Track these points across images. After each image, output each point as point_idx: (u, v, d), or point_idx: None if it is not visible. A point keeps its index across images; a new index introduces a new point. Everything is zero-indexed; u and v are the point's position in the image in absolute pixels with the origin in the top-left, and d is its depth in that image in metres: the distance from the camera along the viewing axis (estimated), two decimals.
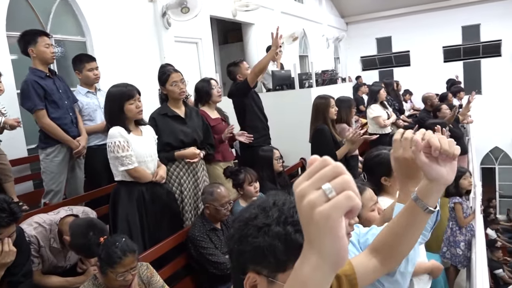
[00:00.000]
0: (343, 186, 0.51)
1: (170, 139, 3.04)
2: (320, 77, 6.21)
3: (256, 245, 0.81)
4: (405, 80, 11.17)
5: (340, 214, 0.50)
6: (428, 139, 0.94)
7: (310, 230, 0.53)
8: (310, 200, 0.51)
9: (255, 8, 7.13)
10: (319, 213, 0.50)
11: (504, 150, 11.99)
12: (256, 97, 4.01)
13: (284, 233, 0.79)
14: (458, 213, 3.98)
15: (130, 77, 3.67)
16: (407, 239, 1.05)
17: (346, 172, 0.52)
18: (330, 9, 12.42)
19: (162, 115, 3.06)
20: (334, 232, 0.51)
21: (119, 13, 4.83)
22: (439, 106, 5.75)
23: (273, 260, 0.79)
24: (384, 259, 1.08)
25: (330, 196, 0.51)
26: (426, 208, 0.99)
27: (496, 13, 11.52)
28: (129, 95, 2.64)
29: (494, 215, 10.44)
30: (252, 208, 0.87)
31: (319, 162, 0.54)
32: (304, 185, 0.53)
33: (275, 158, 3.43)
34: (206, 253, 2.70)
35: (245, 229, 0.84)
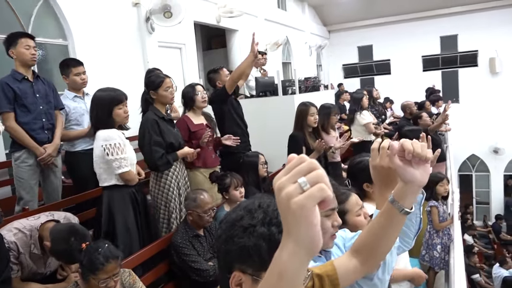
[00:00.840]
0: (316, 179, 0.57)
1: (173, 140, 3.09)
2: (303, 84, 6.27)
3: (241, 244, 0.85)
4: (386, 88, 11.40)
5: (314, 204, 0.56)
6: (401, 143, 0.99)
7: (287, 220, 0.58)
8: (288, 192, 0.57)
9: (239, 15, 7.18)
10: (294, 203, 0.56)
11: (480, 157, 12.31)
12: (236, 103, 4.02)
13: (268, 234, 0.84)
14: (433, 217, 4.07)
15: (113, 81, 3.65)
16: (386, 240, 1.09)
17: (320, 168, 0.58)
18: (313, 17, 12.58)
19: (160, 118, 3.08)
20: (308, 220, 0.56)
21: (102, 17, 4.79)
22: (419, 114, 5.87)
23: (257, 259, 0.83)
24: (364, 259, 1.12)
25: (305, 188, 0.56)
26: (402, 209, 1.03)
27: (473, 25, 11.88)
28: (118, 99, 2.64)
29: (471, 221, 10.68)
30: (238, 210, 0.91)
31: (297, 159, 0.59)
32: (282, 179, 0.58)
33: (260, 163, 3.45)
34: (188, 260, 2.69)
35: (232, 229, 0.88)
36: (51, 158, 3.18)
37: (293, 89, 5.81)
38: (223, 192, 3.12)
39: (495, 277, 7.49)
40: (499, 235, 10.36)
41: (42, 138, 3.15)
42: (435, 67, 12.83)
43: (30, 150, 3.10)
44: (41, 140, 3.14)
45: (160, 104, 3.11)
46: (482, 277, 7.68)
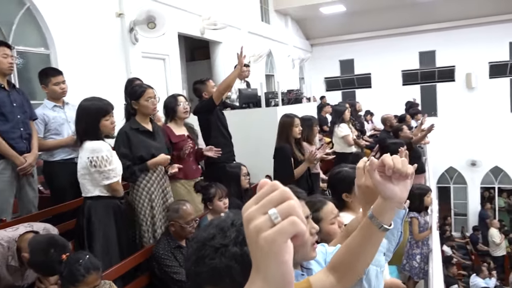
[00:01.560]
0: (288, 212, 0.51)
1: (143, 152, 3.03)
2: (285, 96, 6.34)
3: (213, 266, 0.81)
4: (367, 101, 11.60)
5: (285, 240, 0.51)
6: (382, 158, 0.98)
7: (256, 255, 0.53)
8: (256, 225, 0.52)
9: (223, 27, 7.24)
10: (264, 238, 0.51)
11: (458, 170, 12.60)
12: (221, 114, 4.07)
13: (241, 254, 0.79)
14: (414, 227, 4.14)
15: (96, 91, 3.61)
16: (363, 257, 1.07)
17: (294, 197, 0.53)
18: (295, 31, 12.78)
19: (133, 130, 3.05)
20: (278, 257, 0.51)
21: (86, 27, 4.78)
22: (400, 126, 5.99)
23: (229, 282, 0.79)
24: (341, 276, 1.09)
25: (275, 221, 0.51)
26: (381, 226, 1.02)
27: (450, 41, 12.26)
28: (105, 110, 2.64)
29: (449, 232, 10.88)
30: (210, 229, 0.86)
31: (268, 186, 0.54)
32: (251, 210, 0.53)
33: (242, 175, 3.47)
34: (170, 272, 2.67)
35: (203, 250, 0.83)
36: (31, 168, 3.12)
37: (276, 101, 5.87)
38: (207, 202, 3.12)
39: (472, 286, 7.63)
40: (477, 246, 10.57)
41: (21, 148, 3.08)
42: (414, 82, 13.15)
43: (7, 161, 3.03)
44: (20, 149, 3.07)
45: (141, 115, 3.09)
46: (460, 287, 7.81)
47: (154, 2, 5.69)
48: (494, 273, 8.37)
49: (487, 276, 7.76)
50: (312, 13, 12.00)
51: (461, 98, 12.50)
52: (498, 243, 9.58)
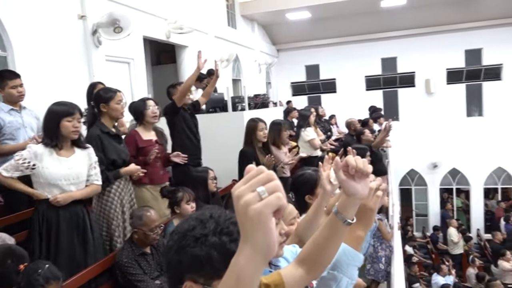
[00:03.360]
0: (274, 189, 0.61)
1: (115, 157, 3.00)
2: (252, 100, 6.39)
3: (193, 254, 0.87)
4: (332, 106, 11.85)
5: (271, 211, 0.60)
6: (346, 159, 1.08)
7: (245, 226, 0.62)
8: (246, 200, 0.61)
9: (189, 31, 7.20)
10: (253, 209, 0.60)
11: (419, 172, 13.06)
12: (188, 117, 4.08)
13: (220, 243, 0.86)
14: (382, 229, 4.25)
15: (56, 95, 3.52)
16: (329, 250, 1.16)
17: (277, 179, 0.63)
18: (262, 36, 12.88)
19: (105, 134, 2.99)
20: (266, 226, 0.60)
21: (45, 28, 4.61)
22: (362, 130, 6.16)
23: (209, 269, 0.85)
24: (309, 268, 1.17)
25: (263, 196, 0.61)
26: (345, 220, 1.11)
27: (410, 48, 12.73)
28: (68, 112, 2.55)
29: (411, 232, 11.24)
30: (190, 220, 0.92)
31: (255, 170, 0.64)
32: (241, 188, 0.62)
33: (209, 178, 3.45)
34: (134, 280, 2.61)
35: (183, 240, 0.89)
36: None
37: (243, 105, 5.90)
38: (174, 207, 3.09)
39: (433, 284, 7.91)
40: (437, 245, 10.97)
41: None
42: (377, 87, 13.55)
43: None
44: None
45: (108, 119, 3.04)
46: (422, 285, 8.08)
47: (118, 4, 5.58)
48: (453, 271, 8.73)
49: (446, 274, 8.07)
50: (278, 19, 12.15)
51: (421, 103, 12.99)
52: (456, 241, 9.99)
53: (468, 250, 9.96)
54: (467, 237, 10.37)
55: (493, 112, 12.40)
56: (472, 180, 12.55)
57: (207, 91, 4.36)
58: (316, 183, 2.24)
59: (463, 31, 12.22)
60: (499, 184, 12.62)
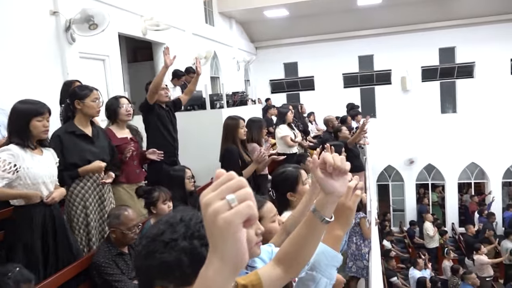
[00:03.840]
0: (245, 197, 0.58)
1: (75, 159, 2.88)
2: (231, 98, 6.36)
3: (163, 260, 0.84)
4: (310, 103, 11.93)
5: (241, 220, 0.57)
6: (323, 156, 1.06)
7: (213, 236, 0.58)
8: (215, 208, 0.57)
9: (166, 28, 7.11)
10: (222, 219, 0.56)
11: (396, 168, 13.29)
12: (165, 114, 4.00)
13: (190, 248, 0.83)
14: (363, 227, 4.30)
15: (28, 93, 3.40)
16: (307, 249, 1.14)
17: (248, 186, 0.59)
18: (240, 33, 12.85)
19: (69, 133, 2.90)
20: (235, 236, 0.57)
21: (16, 25, 4.47)
22: (339, 127, 6.22)
23: (179, 274, 0.83)
24: (287, 268, 1.15)
25: (233, 205, 0.57)
26: (323, 218, 1.09)
27: (386, 46, 12.94)
28: (38, 111, 2.48)
29: (389, 227, 11.44)
30: (159, 224, 0.89)
31: (225, 176, 0.60)
32: (210, 195, 0.59)
33: (186, 178, 3.41)
34: (111, 280, 2.56)
35: (152, 245, 0.86)
36: None
37: (221, 103, 5.87)
38: (150, 207, 3.04)
39: (410, 278, 8.08)
40: (413, 239, 11.20)
41: None
42: (354, 84, 13.72)
43: None
44: None
45: (82, 117, 2.95)
46: (399, 279, 8.23)
47: (92, 0, 5.46)
48: (429, 265, 8.93)
49: (423, 268, 8.25)
50: (256, 16, 12.14)
51: (397, 100, 13.23)
52: (432, 235, 10.22)
53: (444, 244, 10.21)
54: (442, 231, 10.63)
55: (466, 109, 12.75)
56: (446, 175, 12.86)
57: (190, 89, 4.31)
58: (297, 180, 2.24)
59: (437, 29, 12.51)
60: (472, 179, 12.99)
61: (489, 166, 12.41)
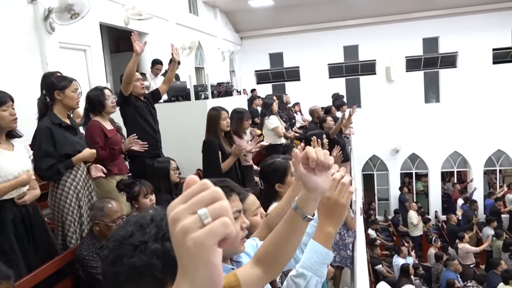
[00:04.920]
0: (220, 212, 0.49)
1: (68, 150, 2.83)
2: (215, 89, 6.29)
3: (131, 265, 0.77)
4: (296, 93, 11.93)
5: (215, 241, 0.48)
6: (305, 151, 1.01)
7: (182, 257, 0.50)
8: (184, 226, 0.48)
9: (149, 18, 6.98)
10: (192, 239, 0.48)
11: (380, 157, 13.44)
12: (142, 106, 3.91)
13: (162, 249, 0.77)
14: (347, 218, 4.33)
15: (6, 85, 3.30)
16: (288, 248, 1.09)
17: (224, 198, 0.51)
18: (225, 23, 12.72)
19: (56, 125, 2.83)
20: (207, 260, 0.48)
21: None
22: (324, 118, 6.23)
23: (150, 279, 0.77)
24: (267, 268, 1.10)
25: (205, 222, 0.48)
26: (305, 216, 1.05)
27: (371, 36, 12.98)
28: (0, 100, 2.38)
29: (374, 216, 11.60)
30: (128, 226, 0.82)
31: (198, 185, 0.51)
32: (178, 209, 0.49)
33: (172, 169, 3.38)
34: (95, 273, 2.53)
35: (120, 249, 0.80)
36: None
37: (206, 94, 5.81)
38: (132, 201, 3.00)
39: (394, 265, 8.22)
40: (398, 228, 11.38)
41: None
42: (339, 75, 13.75)
43: None
44: None
45: (62, 108, 2.88)
46: (384, 267, 8.37)
47: None
48: (413, 253, 9.09)
49: (407, 255, 8.39)
50: (240, 6, 12.02)
51: (382, 90, 13.31)
52: (416, 224, 10.39)
53: (427, 232, 10.40)
54: (425, 219, 10.82)
55: (449, 98, 12.91)
56: (430, 164, 13.06)
57: (168, 78, 4.17)
58: (286, 171, 2.23)
59: (421, 19, 12.58)
60: (455, 168, 13.22)
61: (471, 154, 12.65)
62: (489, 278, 7.29)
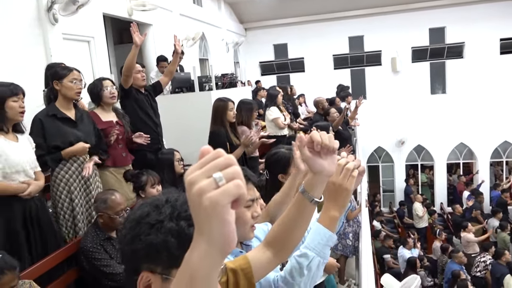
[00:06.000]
0: (233, 175, 0.54)
1: (57, 141, 2.80)
2: (220, 80, 6.27)
3: (148, 242, 0.81)
4: (300, 85, 11.85)
5: (228, 200, 0.53)
6: (311, 135, 1.03)
7: (199, 217, 0.54)
8: (200, 187, 0.53)
9: (153, 9, 6.93)
10: (208, 198, 0.52)
11: (385, 149, 13.37)
12: (143, 99, 3.87)
13: (177, 228, 0.81)
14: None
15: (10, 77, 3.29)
16: (297, 231, 1.12)
17: (237, 164, 0.55)
18: (229, 14, 12.63)
19: (50, 117, 2.81)
20: (222, 217, 0.53)
21: None
22: (328, 110, 6.19)
23: (166, 256, 0.80)
24: (277, 251, 1.14)
25: (220, 184, 0.53)
26: (313, 199, 1.08)
27: (376, 27, 12.84)
28: (12, 91, 2.40)
29: (379, 208, 11.58)
30: (144, 207, 0.87)
31: (212, 153, 0.56)
32: (195, 173, 0.54)
33: (176, 160, 3.37)
34: (100, 265, 2.54)
35: (137, 227, 0.84)
36: None
37: (210, 85, 5.79)
38: (139, 191, 2.99)
39: (399, 257, 8.21)
40: (403, 220, 11.36)
41: None
42: (344, 66, 13.64)
43: None
44: None
45: (63, 99, 2.87)
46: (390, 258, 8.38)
47: None
48: (418, 244, 9.08)
49: (412, 247, 8.38)
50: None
51: (387, 81, 13.20)
52: (421, 215, 10.37)
53: (433, 223, 10.37)
54: (431, 210, 10.78)
55: (455, 89, 12.78)
56: (436, 156, 12.98)
57: (169, 70, 4.11)
58: (290, 162, 2.22)
59: (427, 9, 12.42)
60: (461, 159, 13.13)
61: (477, 146, 12.54)
62: (492, 268, 7.25)
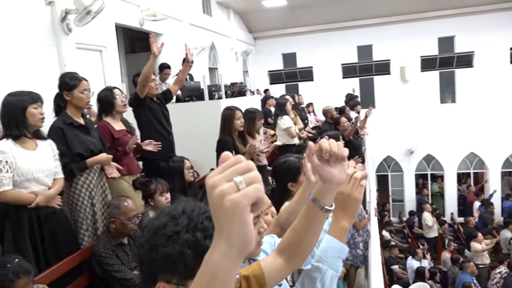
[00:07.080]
0: (253, 180, 0.57)
1: (81, 150, 2.87)
2: (229, 89, 6.32)
3: (165, 253, 0.82)
4: (309, 94, 11.89)
5: (249, 203, 0.56)
6: (319, 143, 1.04)
7: (219, 218, 0.57)
8: (222, 190, 0.56)
9: (163, 18, 7.04)
10: (229, 200, 0.55)
11: (395, 158, 13.30)
12: (157, 108, 3.91)
13: (193, 240, 0.82)
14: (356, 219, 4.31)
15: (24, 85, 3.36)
16: (309, 238, 1.12)
17: (256, 170, 0.58)
18: (238, 23, 12.75)
19: (68, 125, 2.87)
20: (242, 218, 0.56)
21: (11, 15, 4.41)
22: (339, 119, 6.19)
23: (183, 268, 0.81)
24: (289, 257, 1.14)
25: (240, 187, 0.56)
26: (323, 207, 1.07)
27: (385, 36, 12.86)
28: (33, 98, 2.47)
29: (388, 217, 11.48)
30: (161, 217, 0.87)
31: (233, 159, 0.59)
32: (217, 177, 0.57)
33: (186, 168, 3.40)
34: (111, 270, 2.57)
35: (155, 238, 0.85)
36: None
37: (220, 94, 5.84)
38: (148, 199, 3.03)
39: (408, 268, 8.12)
40: (412, 230, 11.25)
41: None
42: (353, 75, 13.65)
43: None
44: None
45: (73, 108, 2.92)
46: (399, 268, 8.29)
47: None
48: (428, 255, 8.96)
49: (421, 258, 8.28)
50: (254, 6, 12.03)
51: (396, 90, 13.17)
52: (431, 225, 10.25)
53: (443, 234, 10.24)
54: (441, 221, 10.65)
55: (465, 98, 12.70)
56: (446, 165, 12.87)
57: (180, 78, 4.16)
58: (299, 170, 2.22)
59: (436, 19, 12.42)
60: (472, 169, 13.00)
61: (488, 156, 12.41)
62: (505, 280, 7.14)
